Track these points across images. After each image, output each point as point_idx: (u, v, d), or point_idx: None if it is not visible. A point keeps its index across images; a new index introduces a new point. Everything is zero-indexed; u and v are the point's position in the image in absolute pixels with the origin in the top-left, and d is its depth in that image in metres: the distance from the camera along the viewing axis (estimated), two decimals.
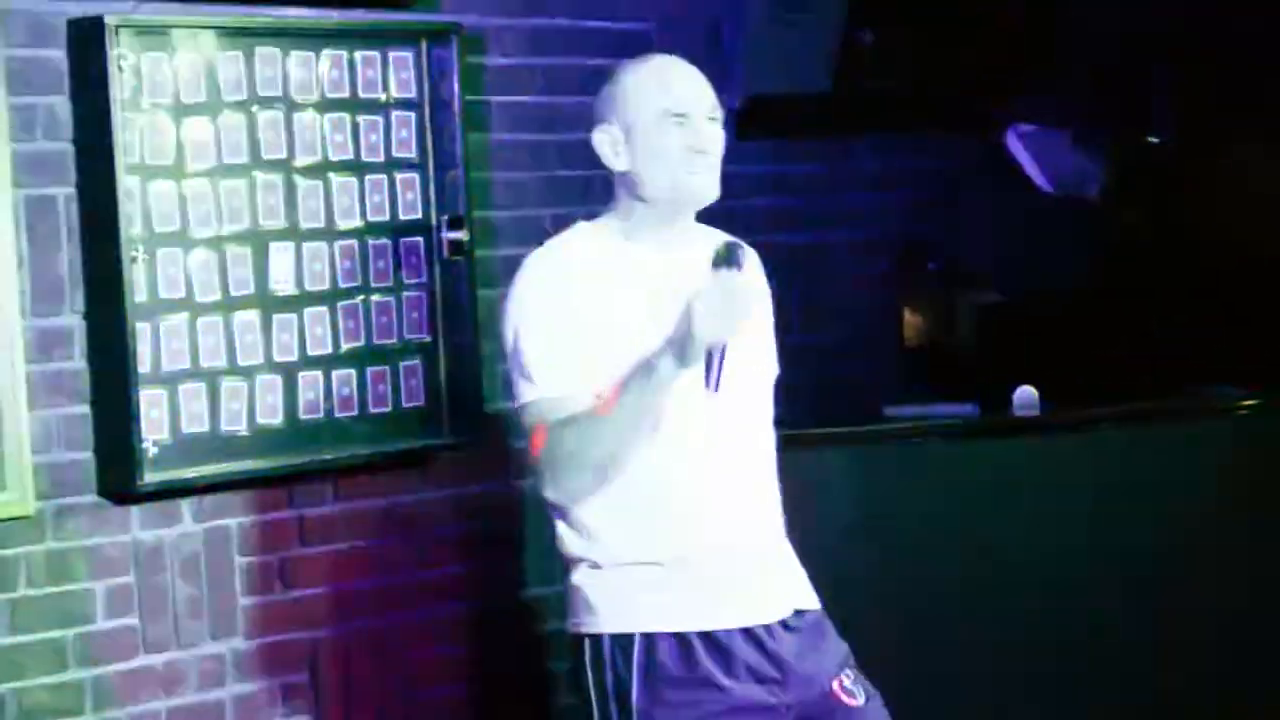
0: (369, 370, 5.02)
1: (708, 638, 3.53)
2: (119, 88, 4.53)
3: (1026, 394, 5.31)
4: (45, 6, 4.50)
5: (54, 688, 4.54)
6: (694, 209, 3.65)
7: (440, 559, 5.21)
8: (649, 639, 3.52)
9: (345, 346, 4.98)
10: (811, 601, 3.66)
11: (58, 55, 4.54)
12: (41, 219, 4.53)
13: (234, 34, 4.75)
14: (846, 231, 6.03)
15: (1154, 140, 6.16)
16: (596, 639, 3.56)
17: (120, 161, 4.53)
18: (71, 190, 4.57)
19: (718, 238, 3.64)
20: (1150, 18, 6.07)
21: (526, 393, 3.54)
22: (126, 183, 4.55)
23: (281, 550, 4.94)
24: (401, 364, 5.07)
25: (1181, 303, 5.98)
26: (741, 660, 3.55)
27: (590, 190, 5.13)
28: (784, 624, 3.60)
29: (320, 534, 4.99)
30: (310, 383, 4.92)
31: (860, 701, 3.64)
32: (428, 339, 5.12)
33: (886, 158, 6.24)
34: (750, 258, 3.64)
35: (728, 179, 5.62)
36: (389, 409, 5.06)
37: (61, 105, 4.56)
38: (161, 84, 4.64)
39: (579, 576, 3.61)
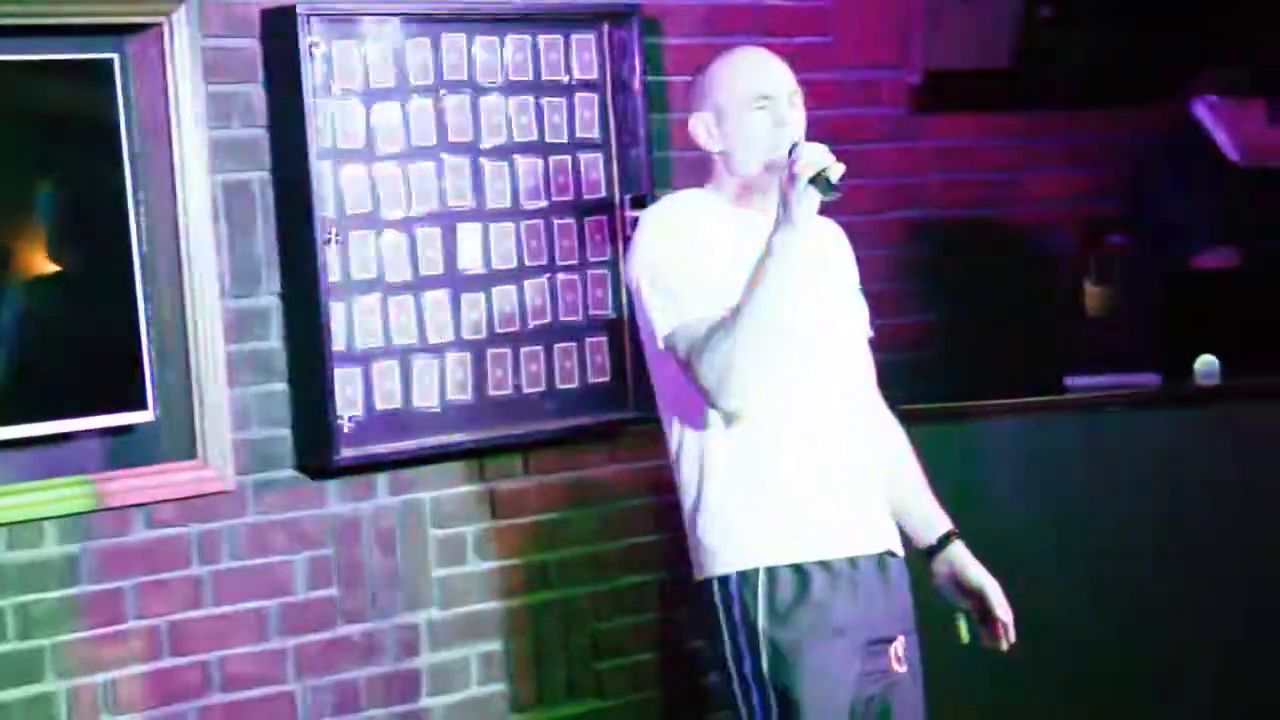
0: (556, 347, 5.05)
1: (821, 566, 3.73)
2: (311, 75, 4.59)
3: (1209, 364, 5.29)
4: None
5: (257, 656, 4.62)
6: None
7: (628, 531, 5.25)
8: (771, 571, 3.72)
9: (533, 324, 5.01)
10: (899, 548, 3.85)
11: (251, 44, 4.61)
12: (238, 203, 4.60)
13: (421, 20, 4.81)
14: (1028, 207, 6.03)
15: None
16: (723, 579, 3.74)
17: (313, 146, 4.59)
18: (266, 175, 4.64)
19: None
20: None
21: (670, 320, 3.70)
22: (319, 167, 4.61)
23: (474, 523, 4.98)
24: (588, 340, 5.11)
25: None
26: (846, 585, 3.74)
27: None
28: (877, 562, 3.79)
29: (511, 507, 5.04)
30: (499, 359, 4.95)
31: (903, 670, 3.82)
32: (613, 315, 5.15)
33: (1068, 133, 6.21)
34: (833, 228, 3.92)
35: (907, 153, 5.49)
36: (576, 384, 5.09)
37: (256, 93, 4.62)
38: (351, 70, 4.70)
39: (702, 525, 3.81)
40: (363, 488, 4.77)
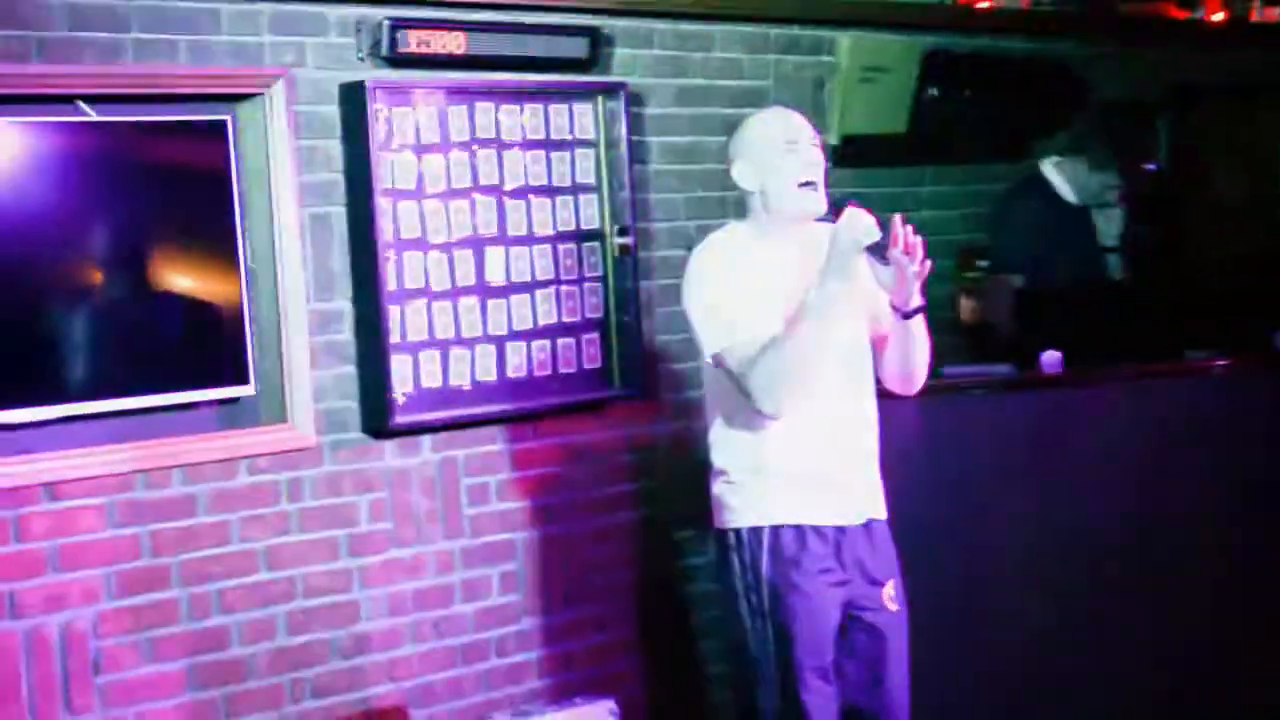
0: (559, 341, 5.23)
1: (815, 528, 3.92)
2: (375, 133, 4.79)
3: (1053, 356, 5.43)
4: (323, 74, 4.80)
5: (330, 573, 4.85)
6: (807, 220, 3.95)
7: (612, 481, 5.42)
8: (775, 530, 3.90)
9: (542, 323, 5.19)
10: (883, 514, 4.06)
11: (332, 109, 4.82)
12: (320, 230, 4.81)
13: (459, 92, 5.01)
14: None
15: (1150, 168, 6.45)
16: (737, 531, 3.95)
17: (376, 187, 4.79)
18: (341, 209, 4.84)
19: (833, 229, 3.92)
20: (1151, 85, 6.39)
21: (720, 340, 3.78)
22: (381, 203, 4.80)
23: (496, 474, 5.15)
24: (583, 336, 5.28)
25: (1175, 290, 6.14)
26: (833, 544, 3.94)
27: (724, 207, 5.37)
28: (864, 525, 4.01)
29: (524, 462, 5.22)
30: (516, 350, 5.14)
31: (896, 609, 3.99)
32: (603, 317, 5.33)
33: (949, 181, 6.44)
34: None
35: (827, 197, 5.97)
36: (574, 369, 5.26)
37: (334, 146, 4.83)
38: (406, 130, 4.90)
39: (721, 486, 3.99)
40: (412, 447, 4.96)
